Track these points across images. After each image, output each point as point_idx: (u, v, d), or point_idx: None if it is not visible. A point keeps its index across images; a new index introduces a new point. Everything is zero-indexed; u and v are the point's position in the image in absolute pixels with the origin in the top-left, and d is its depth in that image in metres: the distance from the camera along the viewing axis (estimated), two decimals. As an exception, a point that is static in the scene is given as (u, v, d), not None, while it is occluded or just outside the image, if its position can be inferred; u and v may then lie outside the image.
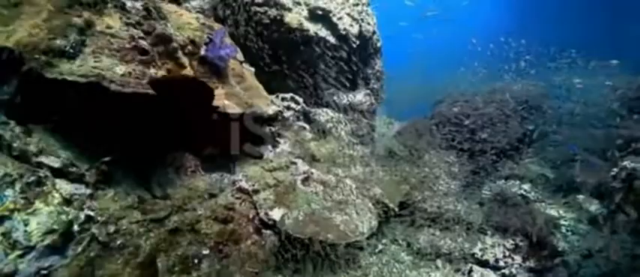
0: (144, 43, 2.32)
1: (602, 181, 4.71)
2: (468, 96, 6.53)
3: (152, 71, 2.33)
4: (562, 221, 4.56)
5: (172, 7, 3.41)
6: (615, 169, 3.65)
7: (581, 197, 4.79)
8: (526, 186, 5.41)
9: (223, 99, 3.03)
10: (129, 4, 2.36)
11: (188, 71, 2.73)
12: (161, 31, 2.51)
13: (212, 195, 2.86)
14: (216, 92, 3.05)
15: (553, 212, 4.79)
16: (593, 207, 4.53)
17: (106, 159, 2.24)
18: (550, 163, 6.01)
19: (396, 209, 4.03)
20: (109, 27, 2.22)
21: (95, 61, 2.08)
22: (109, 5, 2.29)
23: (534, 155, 6.28)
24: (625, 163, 3.46)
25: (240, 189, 3.14)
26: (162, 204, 2.54)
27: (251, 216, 2.84)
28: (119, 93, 2.09)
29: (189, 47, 2.94)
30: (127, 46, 2.24)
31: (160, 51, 2.55)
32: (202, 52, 2.98)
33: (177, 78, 2.46)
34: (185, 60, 2.77)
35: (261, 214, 3.01)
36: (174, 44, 2.66)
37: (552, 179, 5.56)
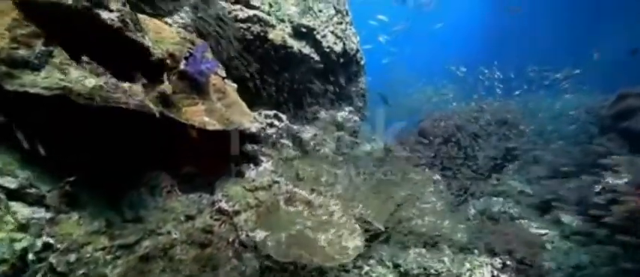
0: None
1: (582, 197, 4.80)
2: (449, 115, 6.65)
3: (126, 84, 2.19)
4: (546, 239, 4.58)
5: (153, 20, 3.29)
6: (598, 186, 3.71)
7: (562, 213, 4.85)
8: (509, 203, 5.46)
9: (203, 116, 2.90)
10: (104, 15, 2.24)
11: (167, 86, 2.60)
12: (138, 44, 2.39)
13: (189, 217, 2.67)
14: (196, 108, 2.93)
15: (537, 229, 4.82)
16: (575, 222, 4.58)
17: (71, 178, 2.04)
18: (531, 180, 6.13)
19: (382, 228, 3.93)
20: (79, 37, 2.08)
21: (62, 73, 1.93)
22: (81, 15, 2.16)
23: (515, 172, 6.39)
24: (608, 180, 3.53)
25: (220, 210, 2.96)
26: (133, 227, 2.34)
27: (231, 239, 2.67)
28: (88, 108, 1.94)
29: (168, 61, 2.82)
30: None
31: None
32: (182, 66, 2.86)
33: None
34: (163, 74, 2.63)
35: (242, 236, 2.83)
36: (153, 58, 2.54)
37: (533, 195, 5.64)
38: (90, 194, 2.26)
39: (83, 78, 1.97)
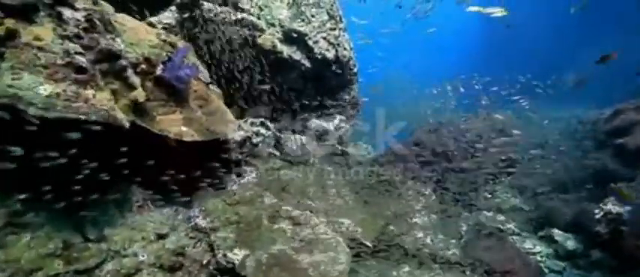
0: (81, 60, 1.98)
1: (577, 215, 4.68)
2: (443, 126, 6.51)
3: (90, 92, 1.98)
4: (539, 258, 4.44)
5: (130, 20, 3.09)
6: (598, 211, 3.55)
7: (556, 231, 4.72)
8: (502, 218, 5.31)
9: (180, 125, 2.70)
10: (67, 13, 2.03)
11: (139, 93, 2.39)
12: (106, 46, 2.19)
13: (160, 236, 2.46)
14: (172, 117, 2.72)
15: (530, 247, 4.68)
16: (569, 242, 4.45)
17: (22, 196, 1.83)
18: (525, 194, 6.01)
19: (371, 245, 3.75)
20: (37, 39, 1.87)
21: (13, 79, 1.72)
22: (42, 14, 1.95)
23: (509, 185, 6.26)
24: (609, 207, 3.37)
25: (196, 228, 2.75)
26: (95, 248, 2.12)
27: (205, 262, 2.46)
28: (42, 118, 1.73)
29: (144, 66, 2.62)
30: (59, 62, 1.90)
31: (104, 69, 2.21)
32: (158, 71, 2.66)
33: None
34: (135, 80, 2.43)
35: (219, 256, 2.63)
36: (123, 62, 2.33)
37: (528, 211, 5.52)
38: (47, 212, 2.04)
39: (37, 85, 1.76)
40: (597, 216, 3.55)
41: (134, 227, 2.42)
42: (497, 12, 5.55)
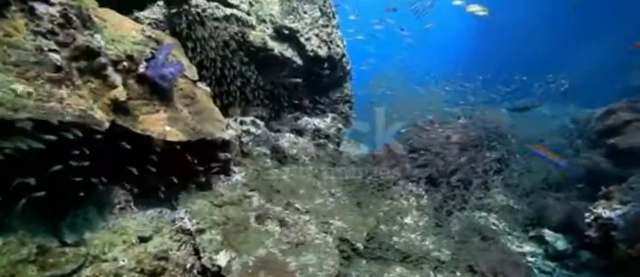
0: (55, 57, 1.89)
1: (568, 214, 4.69)
2: (436, 124, 6.47)
3: (64, 91, 1.89)
4: (529, 258, 4.44)
5: (114, 15, 2.98)
6: (589, 214, 3.53)
7: (546, 231, 4.73)
8: (493, 219, 5.31)
9: (164, 125, 2.61)
10: (41, 8, 1.93)
11: (119, 91, 2.31)
12: (84, 43, 2.09)
13: (143, 239, 2.39)
14: (157, 116, 2.64)
15: (520, 248, 4.68)
16: (559, 242, 4.46)
17: (-8, 200, 1.74)
18: (517, 193, 6.01)
19: (362, 246, 3.71)
20: (7, 35, 1.78)
21: (-20, 77, 1.63)
22: (13, 8, 1.86)
23: (501, 185, 6.26)
24: (600, 211, 3.35)
25: (181, 229, 2.68)
26: (72, 253, 2.05)
27: (188, 266, 2.39)
28: (12, 120, 1.64)
29: (125, 63, 2.52)
30: (31, 59, 1.80)
31: (82, 67, 2.12)
32: (141, 68, 2.57)
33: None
34: (116, 78, 2.34)
35: (204, 259, 2.56)
36: (103, 59, 2.24)
37: (519, 210, 5.52)
38: (21, 216, 1.96)
39: (7, 84, 1.67)
40: (587, 220, 3.54)
41: (115, 230, 2.35)
42: (479, 10, 5.52)
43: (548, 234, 4.59)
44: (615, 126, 5.52)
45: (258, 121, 4.11)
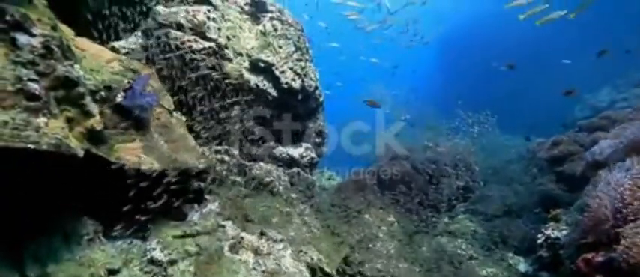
0: (34, 86, 1.92)
1: (526, 238, 5.01)
2: (405, 154, 6.80)
3: (42, 120, 1.91)
4: (495, 281, 4.65)
5: (91, 45, 3.03)
6: (541, 235, 3.85)
7: (509, 254, 5.00)
8: (460, 242, 5.55)
9: (139, 154, 2.63)
10: (22, 39, 1.97)
11: (95, 120, 2.33)
12: (63, 73, 2.13)
13: (111, 272, 2.32)
14: (131, 145, 2.66)
15: (486, 271, 4.90)
16: (521, 264, 4.73)
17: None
18: (481, 218, 6.34)
19: (335, 274, 3.74)
20: (-14, 64, 1.80)
21: (-45, 105, 1.63)
22: (-7, 39, 1.89)
23: (467, 210, 6.59)
24: (549, 232, 3.67)
25: (152, 261, 2.62)
26: (35, 288, 1.96)
27: (159, 298, 2.34)
28: (-15, 147, 1.63)
29: (103, 93, 2.56)
30: (10, 88, 1.82)
31: (60, 96, 2.14)
32: (118, 98, 2.61)
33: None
34: (93, 107, 2.37)
35: (176, 291, 2.51)
36: (81, 89, 2.28)
37: (483, 234, 5.81)
38: (-19, 248, 1.88)
39: (-17, 112, 1.67)
40: (539, 241, 3.84)
41: (82, 262, 2.27)
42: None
43: (510, 257, 4.85)
44: (561, 156, 6.09)
45: (232, 150, 4.16)
